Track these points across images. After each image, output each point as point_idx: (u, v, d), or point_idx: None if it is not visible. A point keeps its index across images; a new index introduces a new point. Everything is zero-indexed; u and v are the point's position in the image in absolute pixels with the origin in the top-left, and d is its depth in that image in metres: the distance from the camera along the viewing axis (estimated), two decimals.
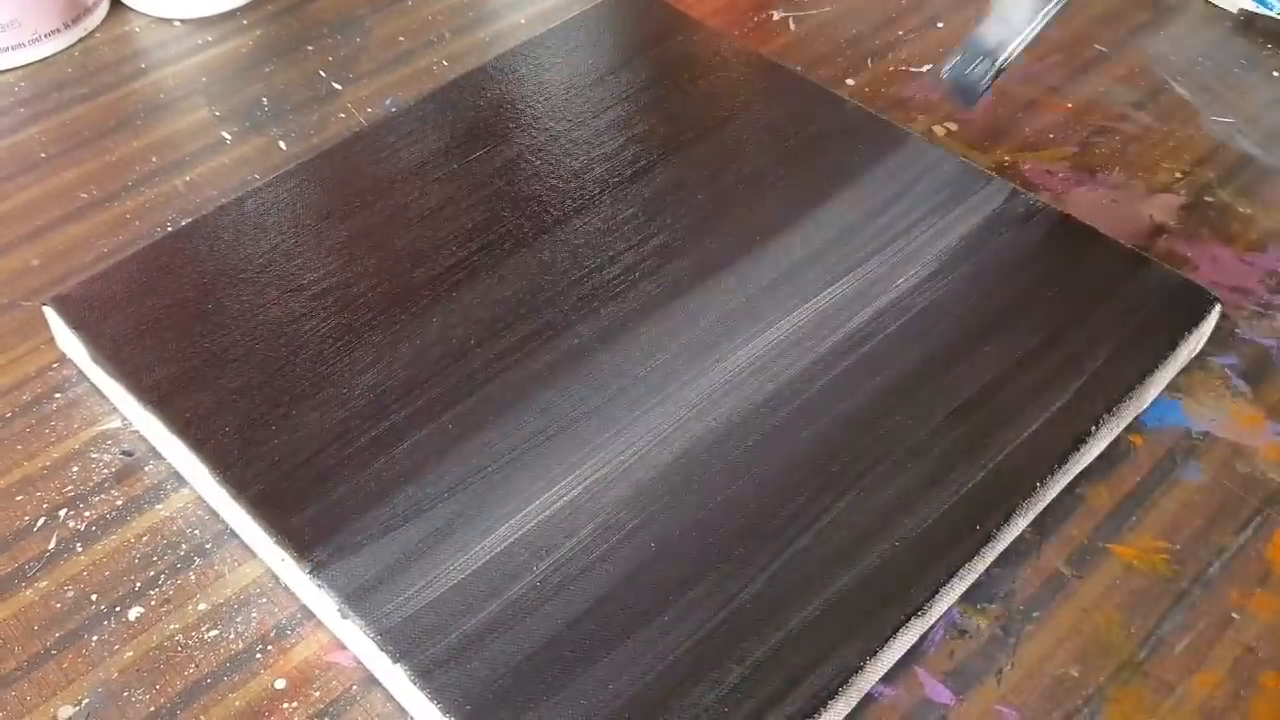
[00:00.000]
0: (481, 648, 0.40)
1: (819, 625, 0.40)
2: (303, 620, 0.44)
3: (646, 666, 0.39)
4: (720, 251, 0.52)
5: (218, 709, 0.42)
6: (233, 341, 0.49)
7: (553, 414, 0.46)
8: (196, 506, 0.47)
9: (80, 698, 0.42)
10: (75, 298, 0.51)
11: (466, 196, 0.55)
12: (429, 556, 0.42)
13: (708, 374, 0.47)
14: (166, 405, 0.47)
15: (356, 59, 0.68)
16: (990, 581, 0.45)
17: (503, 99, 0.60)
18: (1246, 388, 0.51)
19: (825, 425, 0.46)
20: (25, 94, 0.65)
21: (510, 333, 0.49)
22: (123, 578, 0.45)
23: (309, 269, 0.52)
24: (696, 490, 0.44)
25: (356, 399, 0.47)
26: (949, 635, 0.43)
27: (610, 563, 0.42)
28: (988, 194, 0.54)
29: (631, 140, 0.57)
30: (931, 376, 0.47)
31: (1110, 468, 0.48)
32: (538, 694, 0.39)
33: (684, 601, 0.41)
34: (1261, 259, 0.56)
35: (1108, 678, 0.42)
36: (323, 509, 0.43)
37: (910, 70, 0.66)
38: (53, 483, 0.48)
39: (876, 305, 0.50)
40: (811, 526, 0.43)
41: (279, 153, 0.62)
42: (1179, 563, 0.46)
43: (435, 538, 0.43)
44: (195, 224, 0.54)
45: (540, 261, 0.52)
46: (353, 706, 0.42)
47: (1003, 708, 0.42)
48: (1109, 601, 0.44)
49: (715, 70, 0.61)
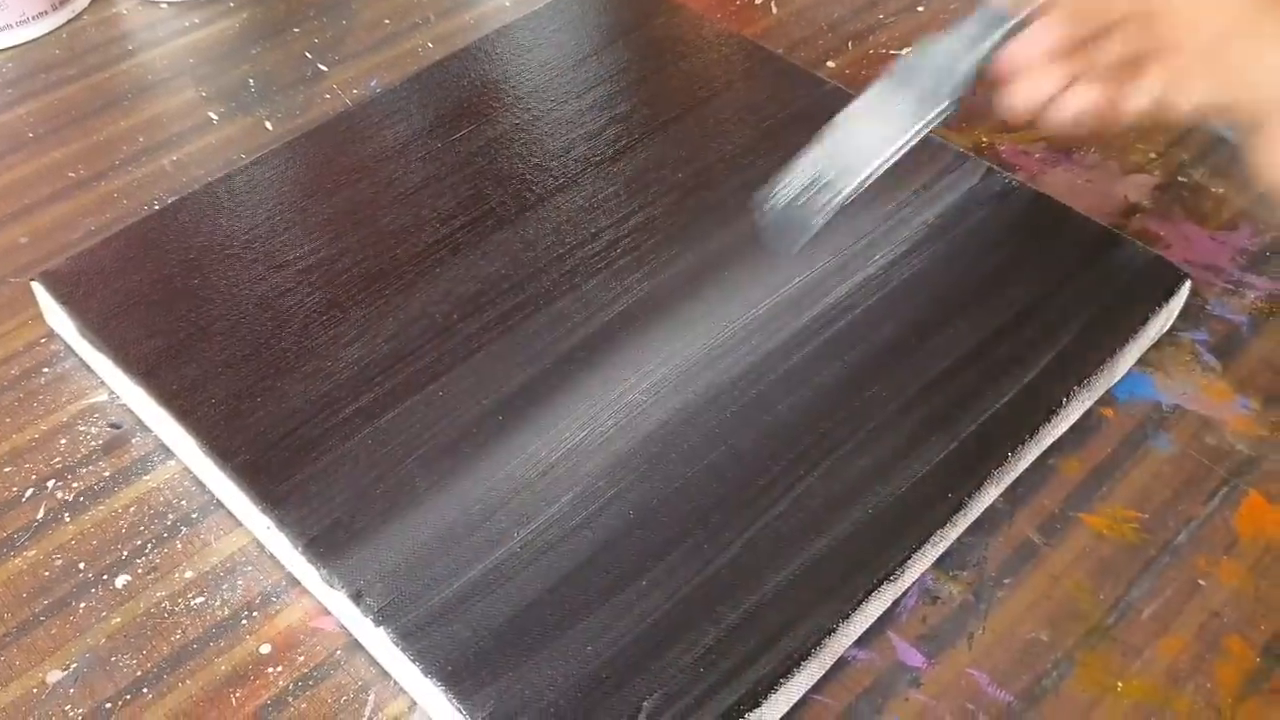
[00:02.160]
0: (463, 611, 0.40)
1: (793, 589, 0.41)
2: (288, 587, 0.45)
3: (624, 629, 0.40)
4: (699, 229, 0.53)
5: (204, 673, 0.42)
6: (219, 315, 0.50)
7: (533, 386, 0.47)
8: (183, 478, 0.48)
9: (68, 662, 0.43)
10: (63, 273, 0.51)
11: (450, 175, 0.55)
12: (411, 524, 0.43)
13: (686, 348, 0.48)
14: (153, 377, 0.47)
15: (342, 41, 0.68)
16: (963, 549, 0.46)
17: (486, 80, 0.60)
18: (1216, 362, 0.52)
19: (801, 397, 0.47)
20: (13, 75, 0.66)
21: (493, 307, 0.50)
22: (110, 547, 0.46)
23: (294, 245, 0.52)
24: (674, 460, 0.45)
25: (341, 372, 0.48)
26: (922, 601, 0.44)
27: (590, 529, 0.43)
28: (964, 173, 0.55)
29: (613, 120, 0.58)
30: (907, 350, 0.48)
31: (1082, 440, 0.49)
32: (518, 655, 0.39)
33: (661, 567, 0.42)
34: (1232, 237, 0.57)
35: (1076, 642, 0.43)
36: (307, 477, 0.44)
37: (890, 53, 0.67)
38: (41, 455, 0.49)
39: (853, 281, 0.51)
40: (786, 495, 0.44)
41: (265, 133, 0.62)
42: (1148, 531, 0.46)
43: (417, 506, 0.43)
44: (182, 201, 0.54)
45: (523, 238, 0.53)
46: (337, 670, 0.43)
47: (973, 670, 0.42)
48: (1079, 569, 0.45)
49: (697, 52, 0.62)
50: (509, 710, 0.38)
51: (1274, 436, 0.49)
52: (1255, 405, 0.50)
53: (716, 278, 0.51)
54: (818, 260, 0.51)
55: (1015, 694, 0.42)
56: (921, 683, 0.42)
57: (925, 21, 0.69)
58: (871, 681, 0.42)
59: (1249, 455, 0.49)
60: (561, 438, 0.45)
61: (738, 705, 0.38)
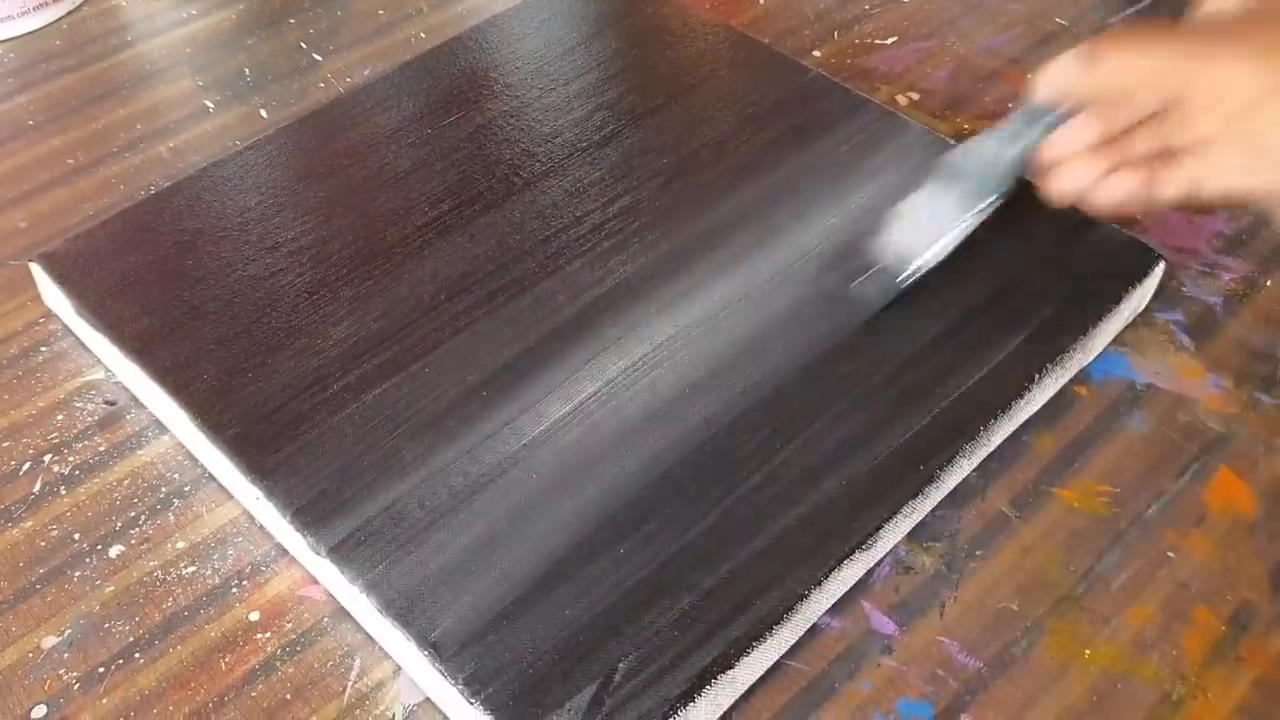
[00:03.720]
0: (445, 578, 0.42)
1: (767, 557, 0.42)
2: (277, 557, 0.46)
3: (602, 594, 0.41)
4: (683, 213, 0.54)
5: (194, 639, 0.44)
6: (212, 295, 0.51)
7: (517, 364, 0.48)
8: (176, 452, 0.49)
9: (63, 628, 0.44)
10: (61, 254, 0.53)
11: (439, 160, 0.57)
12: (397, 495, 0.44)
13: (669, 325, 0.49)
14: (147, 354, 0.49)
15: (337, 32, 0.70)
16: (936, 522, 0.47)
17: (476, 68, 0.62)
18: (1190, 342, 0.53)
19: (778, 374, 0.48)
20: (14, 65, 0.67)
21: (479, 288, 0.51)
22: (104, 518, 0.47)
23: (286, 228, 0.53)
24: (654, 434, 0.46)
25: (330, 349, 0.49)
26: (895, 571, 0.45)
27: (570, 499, 0.44)
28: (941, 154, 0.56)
29: (601, 107, 0.59)
30: (884, 328, 0.49)
31: (1056, 417, 0.50)
32: (498, 620, 0.40)
33: (639, 535, 0.43)
34: (1209, 221, 0.58)
35: (1046, 611, 0.44)
36: (296, 450, 0.45)
37: (875, 43, 0.68)
38: (38, 430, 0.50)
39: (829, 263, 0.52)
40: (762, 467, 0.45)
41: (260, 121, 0.64)
42: (1119, 505, 0.47)
43: (403, 479, 0.44)
44: (177, 185, 0.56)
45: (509, 221, 0.54)
46: (324, 637, 0.44)
47: (944, 638, 0.44)
48: (1050, 540, 0.46)
49: (684, 41, 0.63)
50: (489, 671, 0.39)
51: (1245, 414, 0.50)
52: (1227, 384, 0.51)
53: (698, 260, 0.52)
54: (795, 244, 0.52)
55: (985, 661, 0.43)
56: (893, 650, 0.43)
57: (909, 12, 0.70)
58: (845, 648, 0.43)
59: (1220, 432, 0.50)
60: (544, 413, 0.46)
61: (711, 666, 0.39)
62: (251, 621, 0.44)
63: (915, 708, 0.42)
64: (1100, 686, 0.42)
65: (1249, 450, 0.49)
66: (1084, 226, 0.53)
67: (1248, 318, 0.54)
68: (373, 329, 0.50)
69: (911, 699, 0.42)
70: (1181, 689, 0.42)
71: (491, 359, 0.48)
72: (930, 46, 0.68)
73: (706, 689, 0.39)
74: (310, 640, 0.44)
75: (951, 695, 0.42)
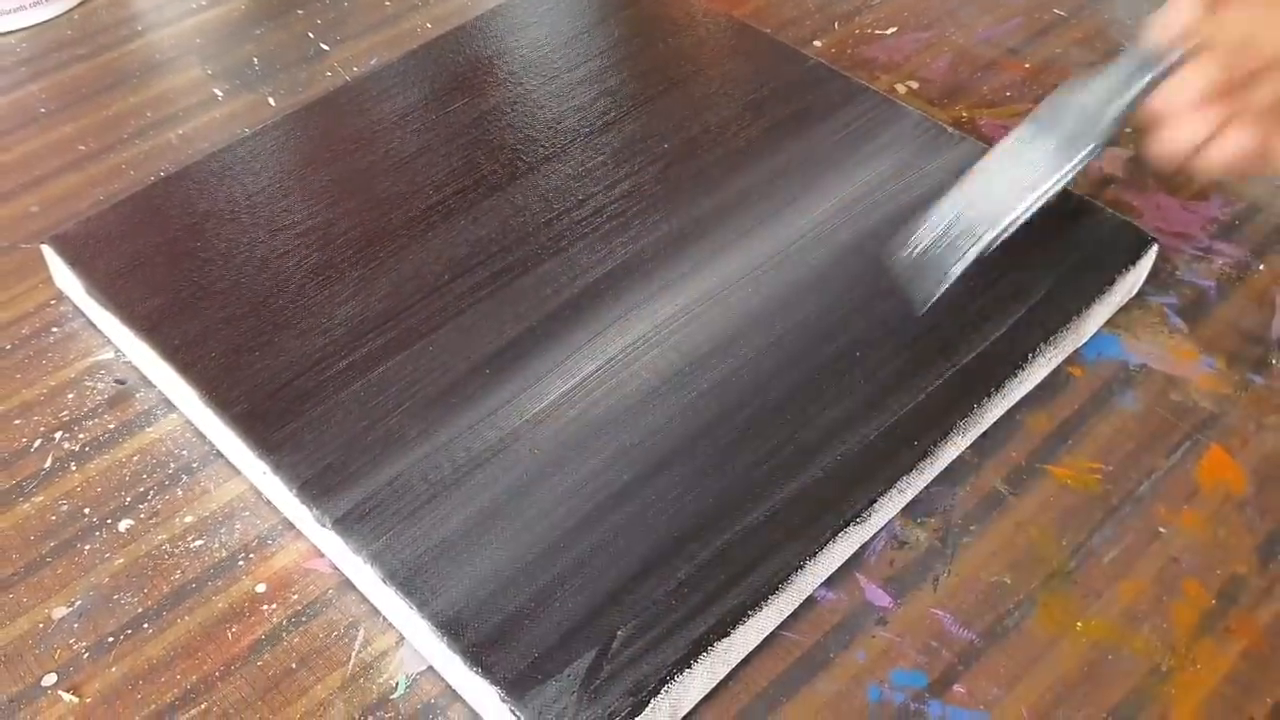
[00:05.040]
0: (447, 549, 0.42)
1: (764, 529, 0.43)
2: (283, 531, 0.47)
3: (601, 565, 0.42)
4: (683, 197, 0.55)
5: (202, 610, 0.44)
6: (220, 276, 0.52)
7: (519, 342, 0.49)
8: (184, 429, 0.50)
9: (73, 599, 0.45)
10: (72, 236, 0.54)
11: (444, 145, 0.57)
12: (401, 470, 0.45)
13: (669, 305, 0.50)
14: (156, 333, 0.49)
15: (344, 21, 0.70)
16: (930, 498, 0.47)
17: (480, 55, 0.63)
18: (1183, 324, 0.54)
19: (775, 353, 0.48)
20: (26, 54, 0.68)
21: (482, 268, 0.52)
22: (114, 494, 0.48)
23: (293, 211, 0.54)
24: (653, 409, 0.46)
25: (336, 328, 0.50)
26: (889, 546, 0.46)
27: (571, 473, 0.45)
28: (939, 142, 0.57)
29: (603, 94, 0.60)
30: (880, 307, 0.50)
31: (1050, 396, 0.51)
32: (500, 590, 0.41)
33: (637, 507, 0.43)
34: (1203, 207, 0.59)
35: (1038, 584, 0.45)
36: (302, 426, 0.46)
37: (876, 33, 0.69)
38: (49, 408, 0.51)
39: (826, 244, 0.52)
40: (759, 442, 0.45)
41: (268, 109, 0.65)
42: (1111, 482, 0.48)
43: (407, 454, 0.45)
44: (186, 169, 0.57)
45: (513, 204, 0.55)
46: (329, 608, 0.44)
47: (938, 610, 0.44)
48: (1043, 516, 0.47)
49: (685, 29, 0.64)
50: (490, 640, 0.40)
51: (1237, 394, 0.51)
52: (1220, 364, 0.52)
53: (697, 242, 0.53)
54: (793, 227, 0.53)
55: (978, 633, 0.44)
56: (888, 621, 0.44)
57: (909, 3, 0.71)
58: (839, 620, 0.44)
59: (1212, 411, 0.50)
60: (545, 390, 0.47)
61: (708, 635, 0.40)
62: (258, 593, 0.45)
63: (909, 677, 0.43)
64: (1091, 658, 0.43)
65: (1240, 429, 0.50)
66: (1079, 211, 0.54)
67: (1240, 301, 0.54)
68: (377, 309, 0.50)
69: (905, 669, 0.43)
70: (1171, 660, 0.43)
71: (494, 338, 0.49)
72: (929, 36, 0.69)
73: (703, 656, 0.40)
74: (315, 611, 0.44)
75: (945, 665, 0.43)
